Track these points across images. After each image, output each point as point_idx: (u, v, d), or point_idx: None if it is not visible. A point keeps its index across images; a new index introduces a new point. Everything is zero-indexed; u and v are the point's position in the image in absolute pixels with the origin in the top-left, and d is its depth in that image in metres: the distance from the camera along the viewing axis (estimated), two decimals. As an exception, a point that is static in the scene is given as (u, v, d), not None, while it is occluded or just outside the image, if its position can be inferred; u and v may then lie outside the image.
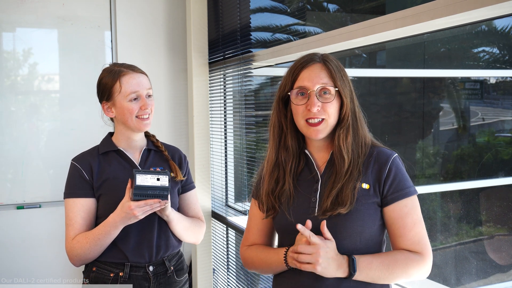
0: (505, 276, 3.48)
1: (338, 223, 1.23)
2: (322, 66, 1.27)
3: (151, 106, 1.68)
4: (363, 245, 1.25)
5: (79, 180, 1.66)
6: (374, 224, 1.25)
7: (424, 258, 1.23)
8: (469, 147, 4.12)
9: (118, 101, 1.65)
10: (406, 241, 1.24)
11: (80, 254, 1.60)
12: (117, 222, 1.54)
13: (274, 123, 1.34)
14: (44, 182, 3.03)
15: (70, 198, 1.65)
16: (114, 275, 1.65)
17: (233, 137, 2.95)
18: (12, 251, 2.96)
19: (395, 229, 1.25)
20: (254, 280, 2.69)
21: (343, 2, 3.48)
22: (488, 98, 4.15)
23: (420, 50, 3.90)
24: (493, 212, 3.70)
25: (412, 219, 1.24)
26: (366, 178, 1.26)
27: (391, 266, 1.21)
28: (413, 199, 1.26)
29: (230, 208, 2.98)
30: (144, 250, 1.67)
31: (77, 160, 1.70)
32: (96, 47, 3.11)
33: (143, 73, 1.72)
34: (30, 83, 3.05)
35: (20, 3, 2.94)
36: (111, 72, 1.67)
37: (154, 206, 1.51)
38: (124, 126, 1.69)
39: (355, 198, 1.23)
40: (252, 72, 2.58)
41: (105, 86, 1.67)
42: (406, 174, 1.28)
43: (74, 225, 1.62)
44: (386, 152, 1.29)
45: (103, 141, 1.76)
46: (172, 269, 1.75)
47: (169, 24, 3.23)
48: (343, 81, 1.27)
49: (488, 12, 1.30)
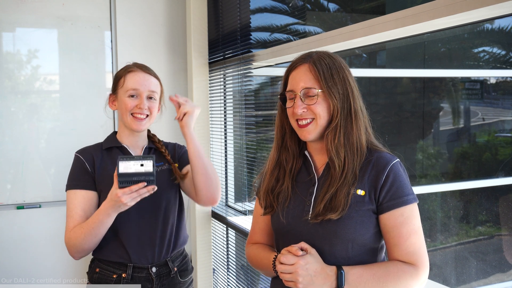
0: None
1: (329, 229, 1.21)
2: (310, 67, 1.25)
3: (149, 108, 1.66)
4: (356, 252, 1.21)
5: (82, 171, 1.66)
6: (367, 232, 1.21)
7: (418, 270, 1.18)
8: (469, 147, 4.12)
9: (119, 95, 1.68)
10: (401, 251, 1.19)
11: (76, 245, 1.59)
12: (108, 210, 1.52)
13: (277, 123, 1.36)
14: (44, 182, 3.02)
15: (71, 190, 1.65)
16: (117, 276, 1.65)
17: (233, 137, 2.95)
18: (12, 251, 2.96)
19: (390, 238, 1.21)
20: (254, 280, 2.69)
21: (343, 2, 3.48)
22: (488, 98, 4.15)
23: (420, 50, 3.90)
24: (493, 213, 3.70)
25: (408, 228, 1.19)
26: (362, 184, 1.22)
27: (382, 279, 1.16)
28: (410, 208, 1.20)
29: (230, 208, 2.98)
30: (146, 251, 1.67)
31: (81, 152, 1.71)
32: (96, 47, 3.11)
33: (154, 76, 1.72)
34: (30, 83, 3.05)
35: (20, 3, 2.93)
36: (125, 67, 1.73)
37: (142, 192, 1.47)
38: (122, 123, 1.71)
39: (348, 204, 1.20)
40: (252, 72, 2.58)
41: (115, 79, 1.73)
42: (406, 181, 1.22)
43: (74, 216, 1.61)
44: (386, 158, 1.24)
45: (108, 137, 1.78)
46: (176, 270, 1.74)
47: (169, 24, 3.23)
48: (332, 81, 1.23)
49: (488, 12, 1.30)
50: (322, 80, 1.23)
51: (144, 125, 1.67)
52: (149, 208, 1.67)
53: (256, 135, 2.64)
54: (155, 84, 1.70)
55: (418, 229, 1.20)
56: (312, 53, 1.30)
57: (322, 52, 1.30)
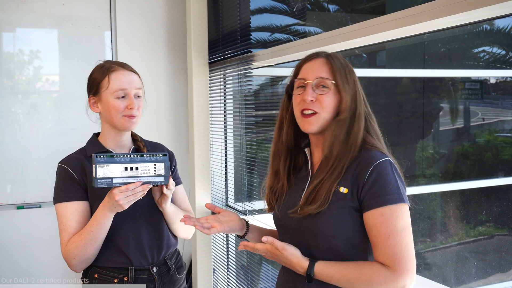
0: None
1: (309, 224, 1.22)
2: (325, 61, 1.27)
3: (138, 106, 1.62)
4: (344, 249, 1.21)
5: (70, 183, 1.59)
6: (350, 230, 1.19)
7: (394, 274, 1.12)
8: (469, 147, 4.12)
9: (104, 97, 1.61)
10: (379, 252, 1.15)
11: (77, 254, 1.54)
12: (105, 210, 1.49)
13: (279, 116, 1.38)
14: (44, 182, 3.03)
15: (61, 203, 1.58)
16: (118, 280, 1.63)
17: (233, 137, 2.95)
18: (12, 251, 2.96)
19: (371, 237, 1.18)
20: (254, 280, 2.69)
21: (343, 2, 3.48)
22: (488, 98, 4.15)
23: (420, 50, 3.90)
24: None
25: (388, 230, 1.14)
26: (346, 182, 1.21)
27: (353, 280, 1.15)
28: (393, 208, 1.15)
29: (230, 208, 2.98)
30: (146, 252, 1.66)
31: (66, 162, 1.64)
32: (96, 47, 3.11)
33: (135, 72, 1.67)
34: (30, 83, 3.05)
35: (20, 3, 2.94)
36: (102, 67, 1.65)
37: (137, 191, 1.46)
38: (110, 125, 1.64)
39: (328, 199, 1.19)
40: (252, 72, 2.58)
41: (94, 80, 1.64)
42: (392, 181, 1.17)
43: (68, 229, 1.55)
44: (373, 156, 1.20)
45: (89, 142, 1.70)
46: (174, 267, 1.75)
47: (169, 24, 3.23)
48: (345, 78, 1.25)
49: (488, 12, 1.30)
50: (337, 74, 1.25)
51: (136, 124, 1.64)
52: (144, 209, 1.66)
53: (256, 135, 2.64)
54: (139, 81, 1.66)
55: (400, 231, 1.14)
56: (325, 51, 1.32)
57: (333, 53, 1.33)
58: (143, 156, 1.50)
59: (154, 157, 1.50)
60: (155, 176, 1.50)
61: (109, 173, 1.44)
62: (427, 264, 3.68)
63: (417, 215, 3.53)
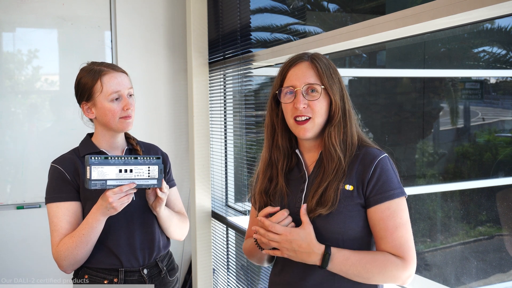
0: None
1: (319, 224, 1.23)
2: (310, 64, 1.28)
3: (133, 106, 1.62)
4: (347, 246, 1.23)
5: (62, 183, 1.59)
6: (357, 226, 1.24)
7: (405, 263, 1.20)
8: (469, 147, 4.12)
9: (99, 101, 1.58)
10: (387, 244, 1.21)
11: (68, 256, 1.53)
12: (97, 213, 1.48)
13: (267, 122, 1.37)
14: (44, 182, 2.98)
15: (53, 203, 1.57)
16: (108, 281, 1.62)
17: (233, 137, 2.95)
18: (12, 251, 2.96)
19: (377, 231, 1.23)
20: (254, 280, 2.69)
21: (343, 2, 3.48)
22: (488, 98, 4.15)
23: (420, 50, 3.90)
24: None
25: (395, 222, 1.21)
26: (350, 179, 1.25)
27: (368, 265, 1.19)
28: (397, 201, 1.22)
29: (230, 208, 2.98)
30: (137, 254, 1.65)
31: (58, 162, 1.63)
32: (96, 47, 3.11)
33: (124, 72, 1.66)
34: (30, 83, 3.05)
35: (20, 3, 2.94)
36: (91, 71, 1.61)
37: (129, 192, 1.46)
38: (105, 127, 1.63)
39: (337, 199, 1.23)
40: (252, 72, 2.58)
41: (84, 86, 1.61)
42: (393, 176, 1.25)
43: (59, 230, 1.54)
44: (373, 153, 1.26)
45: (83, 143, 1.69)
46: (165, 269, 1.74)
47: (169, 24, 3.23)
48: (332, 79, 1.27)
49: (488, 12, 1.30)
50: (324, 77, 1.26)
51: (132, 123, 1.64)
52: (136, 211, 1.65)
53: (256, 135, 2.64)
54: (129, 80, 1.65)
55: (405, 223, 1.22)
56: (307, 53, 1.33)
57: (317, 53, 1.33)
58: (137, 158, 1.50)
59: (148, 160, 1.50)
60: (148, 178, 1.50)
61: (104, 175, 1.44)
62: (427, 264, 3.68)
63: (417, 215, 3.53)
